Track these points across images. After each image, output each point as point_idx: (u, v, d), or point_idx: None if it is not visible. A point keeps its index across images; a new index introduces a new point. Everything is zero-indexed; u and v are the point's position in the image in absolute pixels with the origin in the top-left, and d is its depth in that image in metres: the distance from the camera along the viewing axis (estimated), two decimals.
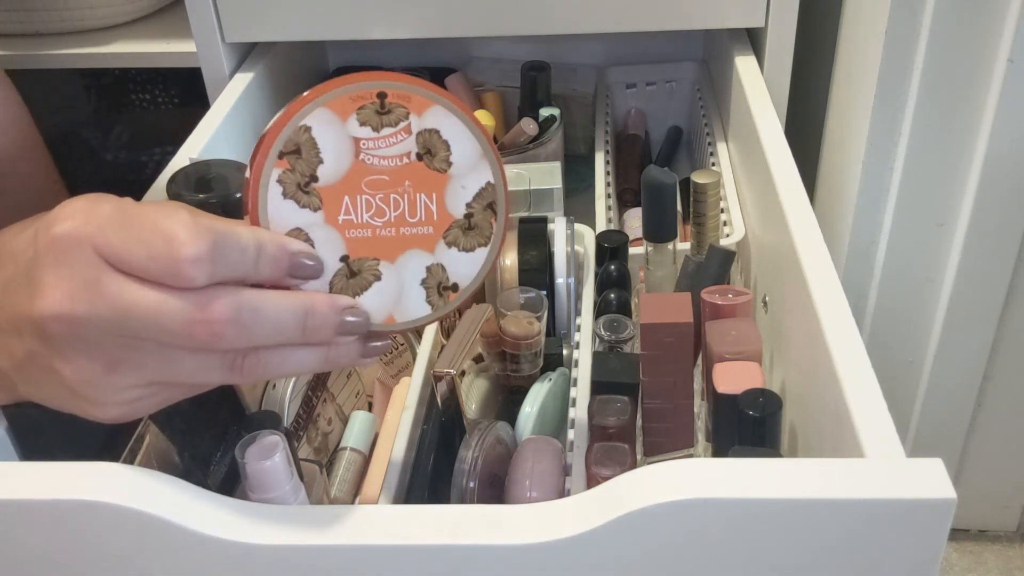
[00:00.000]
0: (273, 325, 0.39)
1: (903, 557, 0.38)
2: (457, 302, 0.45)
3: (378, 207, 0.43)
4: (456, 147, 0.44)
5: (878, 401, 0.43)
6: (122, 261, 0.37)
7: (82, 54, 0.99)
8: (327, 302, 0.41)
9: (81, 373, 0.38)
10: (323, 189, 0.42)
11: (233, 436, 0.56)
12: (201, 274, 0.37)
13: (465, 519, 0.39)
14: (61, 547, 0.40)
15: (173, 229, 0.37)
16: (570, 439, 0.53)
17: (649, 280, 0.70)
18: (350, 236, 0.43)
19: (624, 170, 0.94)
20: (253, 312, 0.39)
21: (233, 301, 0.38)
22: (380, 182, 0.43)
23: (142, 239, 0.37)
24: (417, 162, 0.43)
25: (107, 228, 0.37)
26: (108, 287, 0.37)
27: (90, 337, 0.38)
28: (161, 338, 0.38)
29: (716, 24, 0.81)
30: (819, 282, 0.51)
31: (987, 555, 1.15)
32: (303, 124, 0.42)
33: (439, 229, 0.44)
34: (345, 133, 0.42)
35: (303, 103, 0.41)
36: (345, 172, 0.43)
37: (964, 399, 1.02)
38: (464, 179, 0.44)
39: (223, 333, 0.38)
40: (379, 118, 0.43)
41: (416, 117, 0.43)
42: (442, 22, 0.81)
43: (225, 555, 0.39)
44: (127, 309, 0.37)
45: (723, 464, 0.38)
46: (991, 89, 0.81)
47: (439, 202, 0.44)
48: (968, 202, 0.87)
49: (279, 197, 0.42)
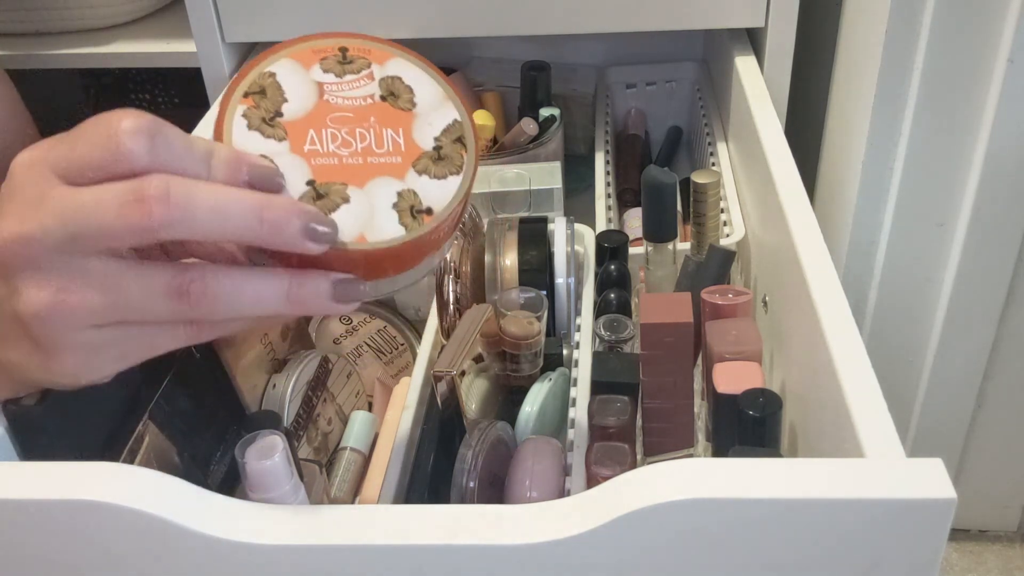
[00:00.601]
0: (215, 207, 0.37)
1: (903, 557, 0.38)
2: (433, 224, 0.42)
3: (344, 139, 0.42)
4: (419, 90, 0.44)
5: (878, 401, 0.43)
6: (71, 166, 0.37)
7: (82, 54, 0.99)
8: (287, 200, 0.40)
9: (33, 302, 0.38)
10: (288, 123, 0.42)
11: (233, 436, 0.56)
12: (139, 147, 0.37)
13: (465, 519, 0.39)
14: (61, 547, 0.40)
15: (114, 115, 0.37)
16: (570, 439, 0.53)
17: (649, 280, 0.70)
18: (316, 163, 0.42)
19: (624, 170, 0.94)
20: (188, 191, 0.37)
21: (166, 179, 0.37)
22: (345, 119, 0.43)
23: (85, 136, 0.38)
24: (381, 102, 0.43)
25: (57, 144, 0.38)
26: (53, 198, 0.37)
27: (38, 260, 0.37)
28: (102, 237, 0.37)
29: (716, 24, 0.81)
30: (819, 282, 0.51)
31: (987, 555, 1.15)
32: (268, 71, 0.42)
33: (408, 159, 0.43)
34: (309, 78, 0.43)
35: (267, 54, 0.43)
36: (310, 109, 0.43)
37: (964, 399, 1.02)
38: (429, 116, 0.44)
39: (153, 211, 0.36)
40: (341, 67, 0.43)
41: (378, 66, 0.44)
42: (442, 22, 0.81)
43: (225, 555, 0.39)
44: (70, 213, 0.37)
45: (723, 464, 0.38)
46: (991, 89, 0.81)
47: (406, 136, 0.43)
48: (968, 202, 0.87)
49: (244, 130, 0.42)
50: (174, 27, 1.04)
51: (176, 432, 0.52)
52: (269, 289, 0.40)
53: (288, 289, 0.40)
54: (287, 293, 0.40)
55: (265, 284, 0.40)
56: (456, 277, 0.60)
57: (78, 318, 0.38)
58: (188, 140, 0.39)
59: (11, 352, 0.41)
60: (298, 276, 0.40)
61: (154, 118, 0.38)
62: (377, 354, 0.75)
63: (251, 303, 0.39)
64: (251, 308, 0.40)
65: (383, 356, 0.75)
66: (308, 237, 0.39)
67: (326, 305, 0.41)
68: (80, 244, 0.37)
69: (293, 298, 0.40)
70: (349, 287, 0.41)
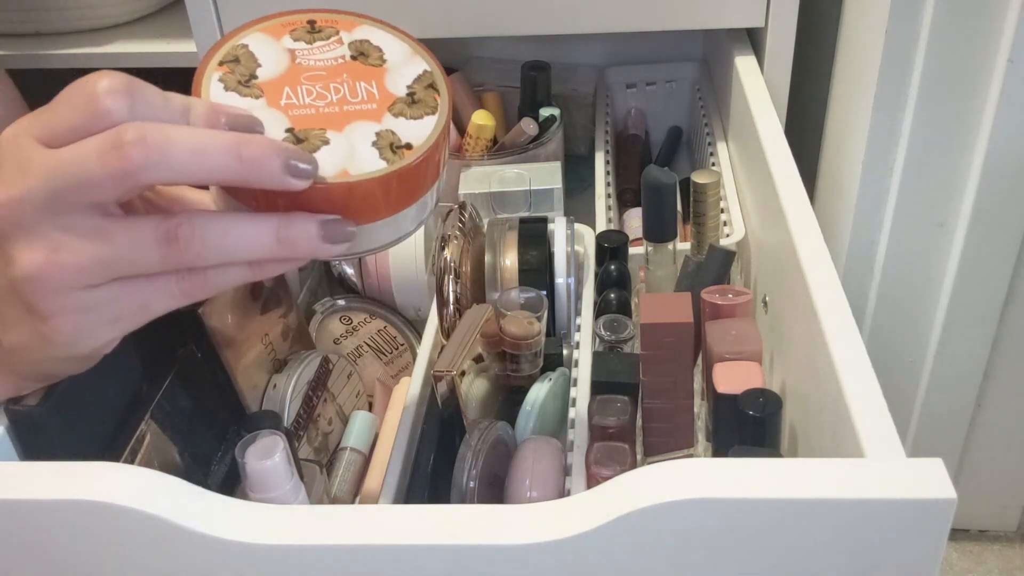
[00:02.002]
0: (193, 148, 0.38)
1: (903, 557, 0.38)
2: (415, 157, 0.43)
3: (319, 93, 0.44)
4: (388, 48, 0.46)
5: (878, 401, 0.43)
6: (53, 130, 0.38)
7: (82, 54, 0.99)
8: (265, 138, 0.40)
9: (25, 265, 0.38)
10: (263, 84, 0.43)
11: (233, 436, 0.56)
12: (117, 104, 0.38)
13: (465, 519, 0.39)
14: (61, 547, 0.40)
15: (90, 77, 0.38)
16: (570, 439, 0.53)
17: (649, 280, 0.70)
18: (293, 114, 0.43)
19: (624, 170, 0.94)
20: (164, 133, 0.37)
21: (142, 124, 0.37)
22: (319, 76, 0.44)
23: (65, 100, 0.39)
24: (352, 61, 0.45)
25: (38, 112, 0.39)
26: (35, 159, 0.38)
27: (29, 222, 0.38)
28: (86, 190, 0.37)
29: (716, 24, 0.81)
30: (819, 282, 0.51)
31: (987, 555, 1.15)
32: (240, 43, 0.44)
33: (383, 105, 0.44)
34: (280, 47, 0.45)
35: (237, 31, 0.44)
36: (283, 71, 0.44)
37: (964, 399, 1.02)
38: (401, 70, 0.45)
39: (131, 155, 0.37)
40: (311, 35, 0.45)
41: (346, 32, 0.45)
42: (442, 22, 0.81)
43: (225, 555, 0.39)
44: (51, 170, 0.38)
45: (723, 464, 0.38)
46: (991, 89, 0.81)
47: (380, 86, 0.45)
48: (968, 202, 0.87)
49: (220, 91, 0.43)
50: (174, 27, 1.04)
51: (177, 432, 0.52)
52: (257, 230, 0.40)
53: (277, 230, 0.40)
54: (276, 234, 0.40)
55: (253, 225, 0.40)
56: (456, 277, 0.60)
57: (70, 277, 0.39)
58: (165, 96, 0.39)
59: (11, 333, 0.41)
60: (286, 217, 0.40)
61: (130, 77, 0.39)
62: (377, 354, 0.75)
63: (241, 246, 0.39)
64: (242, 251, 0.40)
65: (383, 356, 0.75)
66: (289, 173, 0.39)
67: (316, 245, 0.41)
68: (65, 200, 0.38)
69: (283, 238, 0.40)
70: (338, 226, 0.41)
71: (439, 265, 0.60)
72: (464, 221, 0.63)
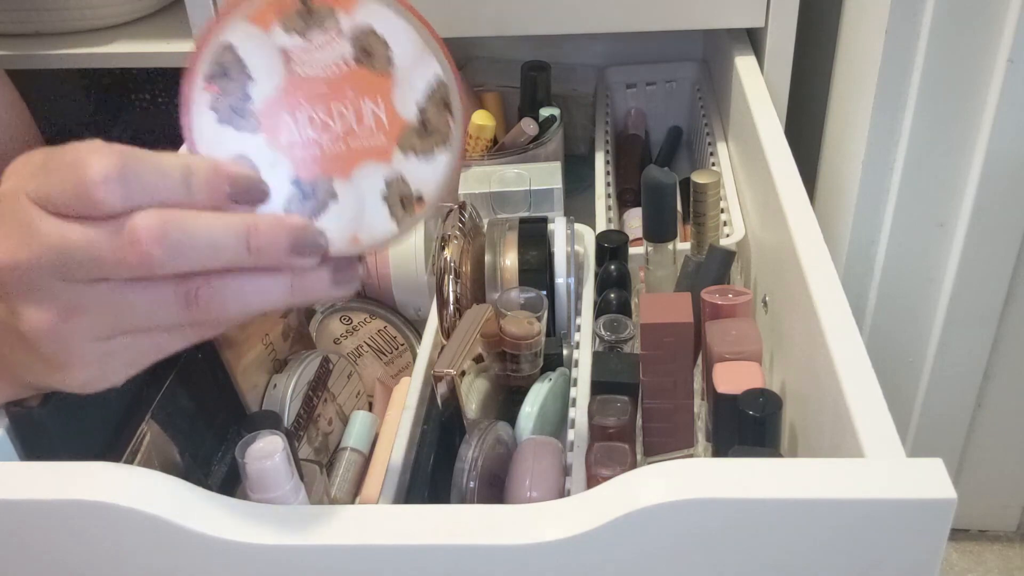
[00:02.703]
0: (208, 243, 0.37)
1: (903, 557, 0.38)
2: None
3: (322, 121, 0.40)
4: (394, 41, 0.41)
5: (878, 401, 0.43)
6: (49, 201, 0.37)
7: (82, 54, 0.99)
8: (272, 219, 0.39)
9: (36, 324, 0.38)
10: (259, 110, 0.40)
11: (233, 436, 0.56)
12: (111, 196, 0.36)
13: (465, 519, 0.39)
14: (61, 547, 0.40)
15: (82, 156, 0.37)
16: (570, 439, 0.53)
17: (649, 280, 0.70)
18: (297, 157, 0.40)
19: (624, 170, 0.94)
20: (182, 230, 0.37)
21: (157, 219, 0.37)
22: (319, 94, 0.40)
23: (60, 174, 0.37)
24: (356, 66, 0.40)
25: (36, 174, 0.37)
26: (41, 228, 0.37)
27: (39, 285, 0.37)
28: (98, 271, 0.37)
29: (716, 24, 0.81)
30: (819, 282, 0.51)
31: (987, 555, 1.15)
32: (225, 42, 0.39)
33: (392, 136, 0.41)
34: (272, 45, 0.40)
35: (221, 19, 0.39)
36: (280, 87, 0.40)
37: (964, 399, 1.02)
38: (410, 77, 0.41)
39: (151, 253, 0.36)
40: (304, 22, 0.40)
41: (345, 15, 0.40)
42: (442, 22, 0.80)
43: (225, 555, 0.39)
44: (61, 247, 0.37)
45: (723, 464, 0.38)
46: (991, 89, 0.81)
47: (387, 107, 0.41)
48: (968, 202, 0.87)
49: (214, 124, 0.40)
50: (174, 27, 1.04)
51: (177, 432, 0.52)
52: (273, 284, 0.40)
53: (292, 285, 0.40)
54: (291, 289, 0.40)
55: (270, 280, 0.40)
56: (456, 277, 0.60)
57: (85, 334, 0.38)
58: (160, 168, 0.38)
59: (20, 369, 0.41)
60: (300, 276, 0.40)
61: (121, 154, 0.37)
62: (377, 354, 0.75)
63: (257, 300, 0.40)
64: (258, 305, 0.40)
65: (383, 356, 0.75)
66: (296, 253, 0.39)
67: (328, 291, 0.41)
68: (75, 273, 0.37)
69: (296, 289, 0.40)
70: (348, 272, 0.41)
71: (439, 265, 0.60)
72: (464, 221, 0.63)
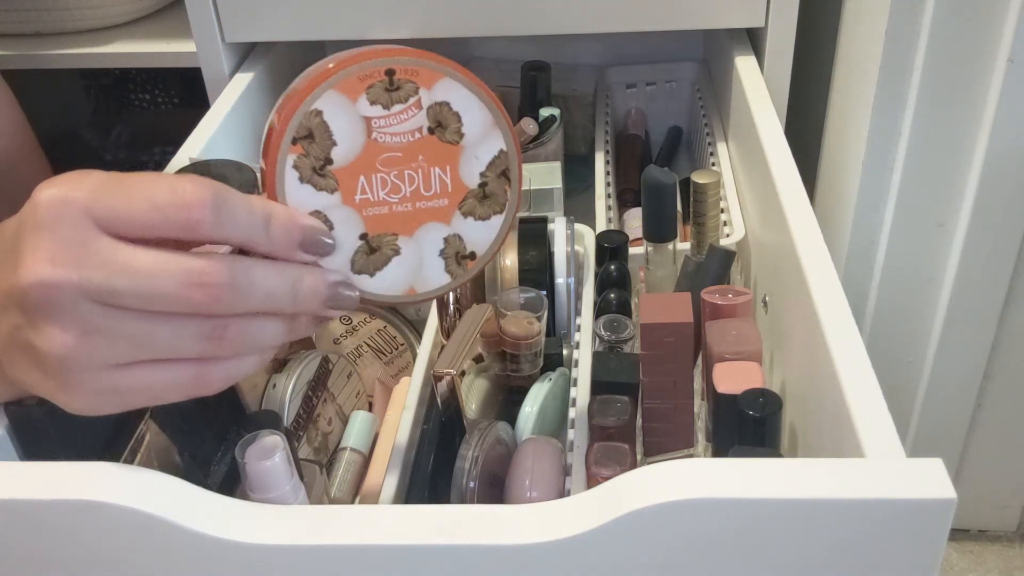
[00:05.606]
0: (265, 292, 0.39)
1: (903, 557, 0.38)
2: (476, 270, 0.46)
3: (393, 184, 0.44)
4: (467, 118, 0.44)
5: (878, 401, 0.43)
6: (120, 219, 0.36)
7: (82, 54, 0.99)
8: (316, 272, 0.42)
9: (53, 344, 0.37)
10: (338, 171, 0.43)
11: (233, 436, 0.56)
12: (207, 218, 0.37)
13: (465, 519, 0.39)
14: (61, 547, 0.40)
15: (176, 180, 0.37)
16: (570, 439, 0.53)
17: (649, 280, 0.70)
18: (367, 214, 0.43)
19: (624, 170, 0.94)
20: (248, 278, 0.38)
21: (232, 265, 0.38)
22: (394, 159, 0.43)
23: (144, 193, 0.37)
24: (429, 136, 0.44)
25: (100, 191, 0.37)
26: (99, 249, 0.36)
27: (67, 304, 0.36)
28: (150, 303, 0.37)
29: (716, 24, 0.81)
30: (819, 282, 0.51)
31: (987, 555, 1.15)
32: (314, 108, 0.42)
33: (454, 201, 0.45)
34: (356, 114, 0.42)
35: (312, 87, 0.41)
36: (359, 152, 0.43)
37: (964, 399, 1.02)
38: (476, 149, 0.45)
39: (220, 297, 0.37)
40: (388, 95, 0.43)
41: (426, 91, 0.43)
42: (442, 22, 0.81)
43: (225, 555, 0.39)
44: (121, 271, 0.36)
45: (723, 464, 0.38)
46: (991, 89, 0.81)
47: (453, 174, 0.45)
48: (968, 202, 0.87)
49: (296, 183, 0.42)
50: (174, 27, 1.04)
51: (177, 432, 0.52)
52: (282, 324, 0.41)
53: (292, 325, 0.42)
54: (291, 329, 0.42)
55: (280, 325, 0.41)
56: None
57: (100, 361, 0.38)
58: (248, 206, 0.39)
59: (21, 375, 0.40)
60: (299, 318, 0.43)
61: (216, 185, 0.38)
62: (377, 354, 0.75)
63: (270, 341, 0.41)
64: (270, 343, 0.41)
65: (383, 356, 0.75)
66: (329, 306, 0.42)
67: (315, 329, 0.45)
68: (121, 301, 0.37)
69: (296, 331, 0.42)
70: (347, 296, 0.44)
71: None
72: None
